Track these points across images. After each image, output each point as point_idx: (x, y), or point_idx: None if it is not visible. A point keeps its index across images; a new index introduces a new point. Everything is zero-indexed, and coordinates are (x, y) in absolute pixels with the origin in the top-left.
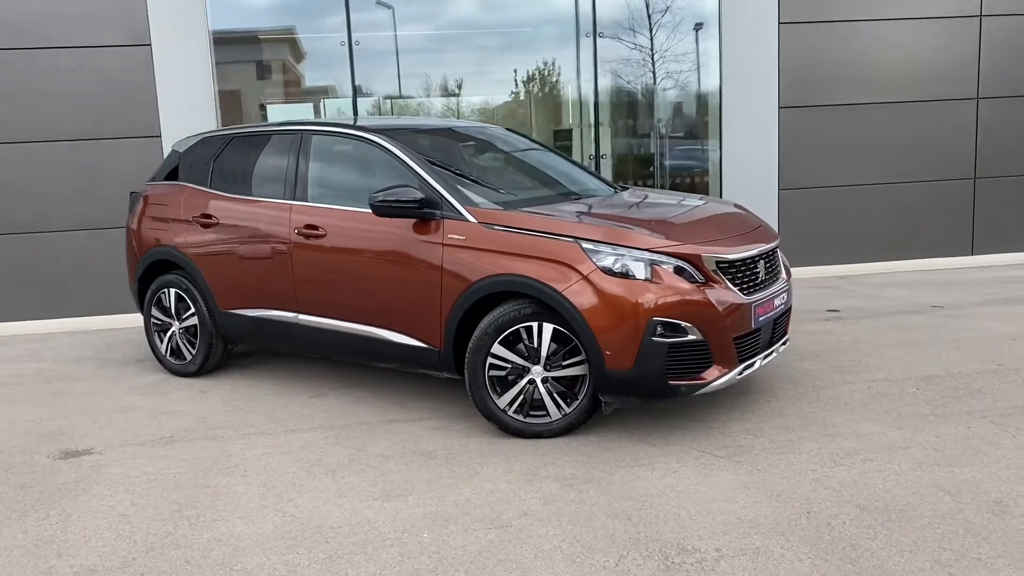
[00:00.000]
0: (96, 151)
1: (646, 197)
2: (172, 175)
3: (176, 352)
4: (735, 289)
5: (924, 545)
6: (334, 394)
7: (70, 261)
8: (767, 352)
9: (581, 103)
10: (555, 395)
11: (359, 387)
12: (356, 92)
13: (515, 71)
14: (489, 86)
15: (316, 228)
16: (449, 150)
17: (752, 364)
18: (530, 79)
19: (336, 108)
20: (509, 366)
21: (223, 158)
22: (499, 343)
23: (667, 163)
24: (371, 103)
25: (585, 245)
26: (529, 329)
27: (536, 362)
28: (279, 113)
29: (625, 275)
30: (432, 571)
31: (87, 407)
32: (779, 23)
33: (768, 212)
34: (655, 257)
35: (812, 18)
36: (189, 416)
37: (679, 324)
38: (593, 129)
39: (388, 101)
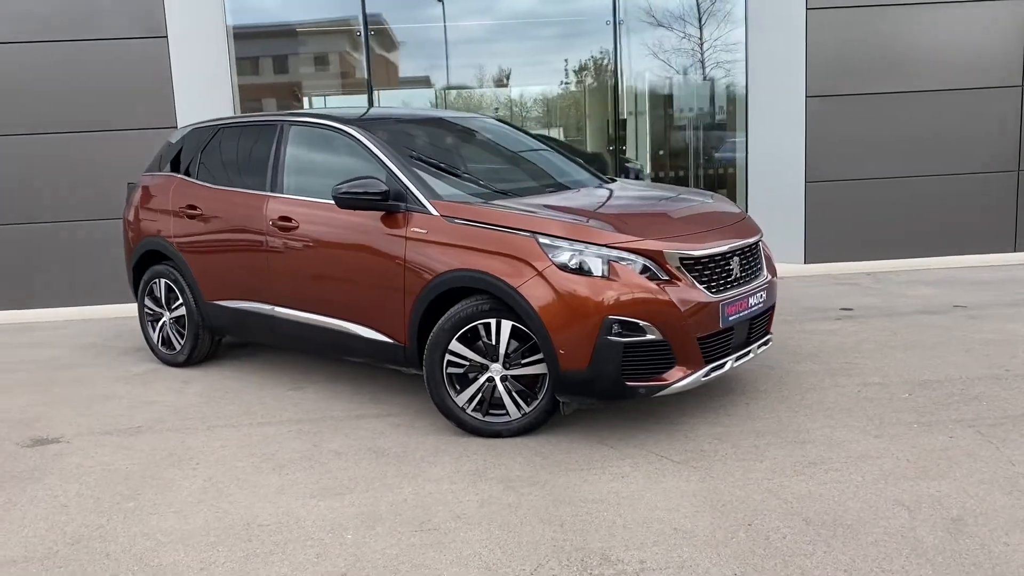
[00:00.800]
0: (115, 142)
1: (626, 190)
2: (170, 166)
3: (167, 342)
4: (700, 287)
5: (862, 564)
6: (313, 387)
7: (93, 250)
8: (742, 353)
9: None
10: (514, 394)
11: (339, 381)
12: (370, 80)
13: (566, 61)
14: (533, 76)
15: (290, 220)
16: (432, 142)
17: (722, 365)
18: (581, 68)
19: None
20: (467, 363)
21: (209, 149)
22: (457, 340)
23: (700, 154)
24: (420, 94)
25: (542, 240)
26: (488, 326)
27: (495, 360)
28: (312, 104)
29: (581, 271)
30: (351, 568)
31: (72, 395)
32: (807, 8)
33: (794, 205)
34: (612, 253)
35: (841, 3)
36: (165, 406)
37: (636, 323)
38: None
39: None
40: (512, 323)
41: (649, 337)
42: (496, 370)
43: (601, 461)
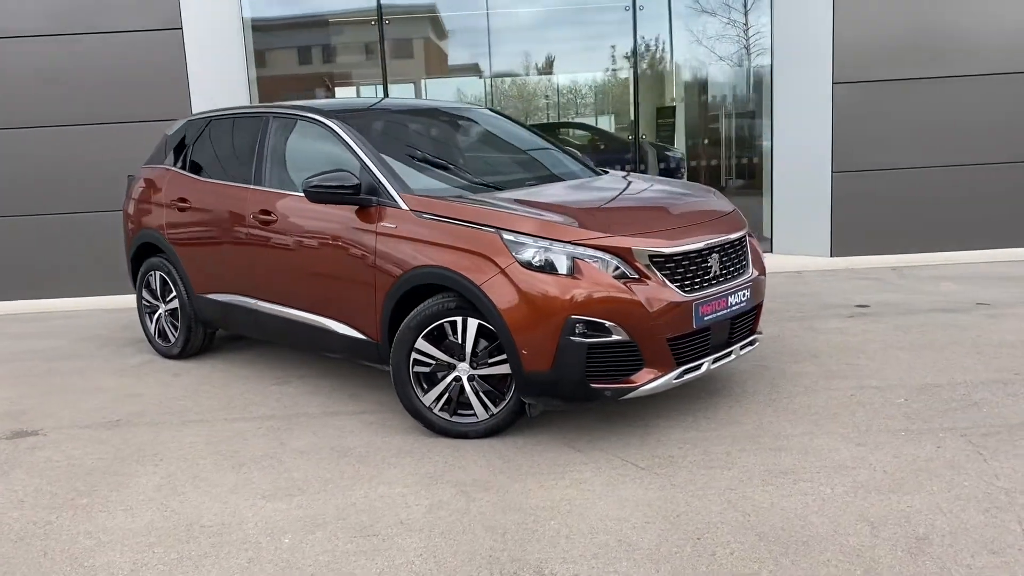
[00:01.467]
0: (132, 133)
1: (610, 184)
2: (165, 158)
3: (163, 334)
4: (671, 286)
5: None
6: (297, 382)
7: (111, 240)
8: (722, 354)
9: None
10: (481, 394)
11: (325, 376)
12: (384, 71)
13: (613, 47)
14: (580, 63)
15: (269, 213)
16: (418, 134)
17: (698, 367)
18: (626, 55)
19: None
20: (434, 362)
21: (200, 141)
22: (423, 338)
23: (732, 144)
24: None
25: (506, 237)
26: (454, 324)
27: (462, 359)
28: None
29: (546, 269)
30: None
31: (64, 386)
32: None
33: (820, 196)
34: (578, 250)
35: None
36: (150, 400)
37: (601, 323)
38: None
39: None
40: (479, 322)
41: (615, 338)
42: (463, 369)
43: (563, 465)
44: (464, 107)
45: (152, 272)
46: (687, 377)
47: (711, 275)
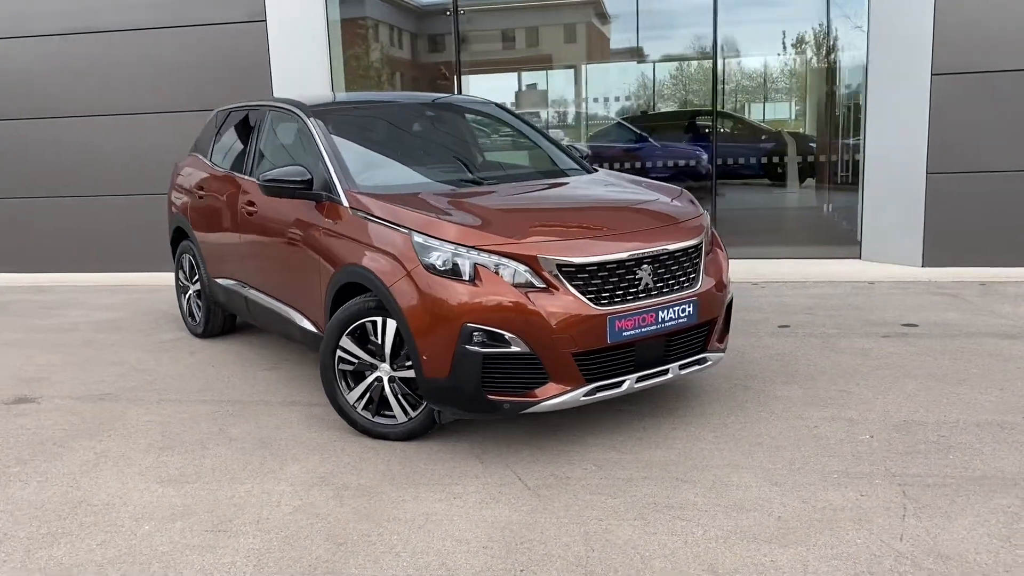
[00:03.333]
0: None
1: (569, 186)
2: (198, 147)
3: (191, 314)
4: (582, 298)
5: None
6: (287, 369)
7: None
8: (654, 371)
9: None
10: (401, 397)
11: (314, 364)
12: (458, 64)
13: (784, 32)
14: (744, 48)
15: (253, 204)
16: (399, 131)
17: (617, 384)
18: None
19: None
20: (357, 361)
21: (221, 132)
22: (347, 336)
23: (850, 139)
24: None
25: (416, 239)
26: (375, 324)
27: (383, 360)
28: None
29: (448, 274)
30: (109, 562)
31: (89, 358)
32: None
33: (912, 199)
34: (481, 256)
35: None
36: (150, 376)
37: (499, 333)
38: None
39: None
40: (397, 323)
41: (514, 349)
42: (384, 370)
43: (455, 477)
44: (471, 101)
45: (184, 255)
46: (601, 395)
47: (640, 288)
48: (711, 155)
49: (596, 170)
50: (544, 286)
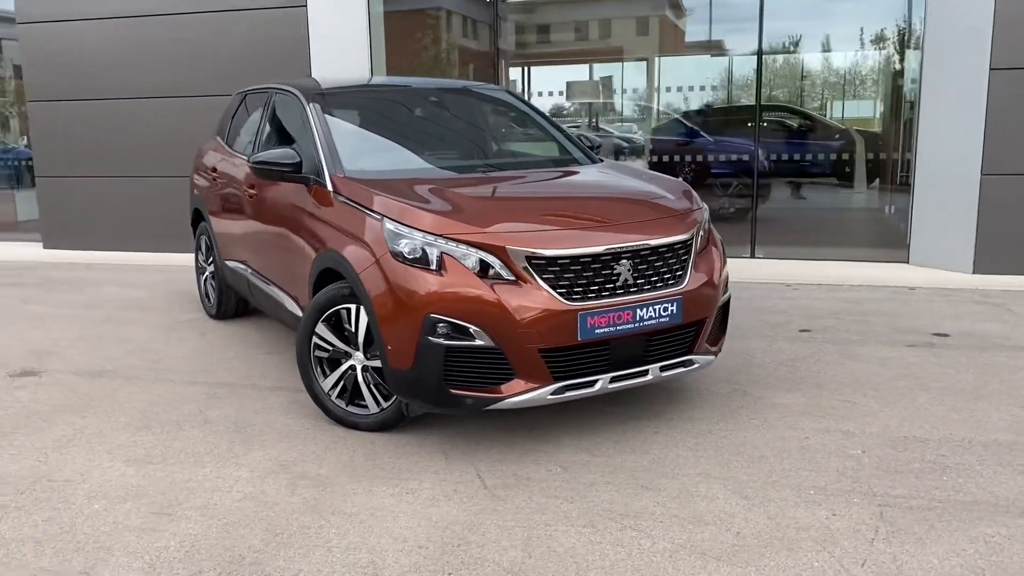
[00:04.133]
0: None
1: (562, 174)
2: (219, 130)
3: (207, 295)
4: (552, 292)
5: None
6: (289, 354)
7: None
8: (632, 372)
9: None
10: (373, 387)
11: None
12: (496, 55)
13: (862, 29)
14: (824, 43)
15: (253, 187)
16: (403, 117)
17: (589, 384)
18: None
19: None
20: (332, 349)
21: (237, 114)
22: (323, 323)
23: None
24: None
25: (388, 226)
26: (349, 311)
27: (357, 348)
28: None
29: (414, 262)
30: (48, 538)
31: (102, 334)
32: None
33: (964, 202)
34: (449, 245)
35: None
36: (154, 355)
37: (462, 326)
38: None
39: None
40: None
41: (478, 343)
42: (358, 359)
43: (414, 471)
44: (481, 89)
45: (201, 236)
46: (571, 394)
47: (619, 283)
48: (758, 151)
49: (601, 160)
50: (513, 279)
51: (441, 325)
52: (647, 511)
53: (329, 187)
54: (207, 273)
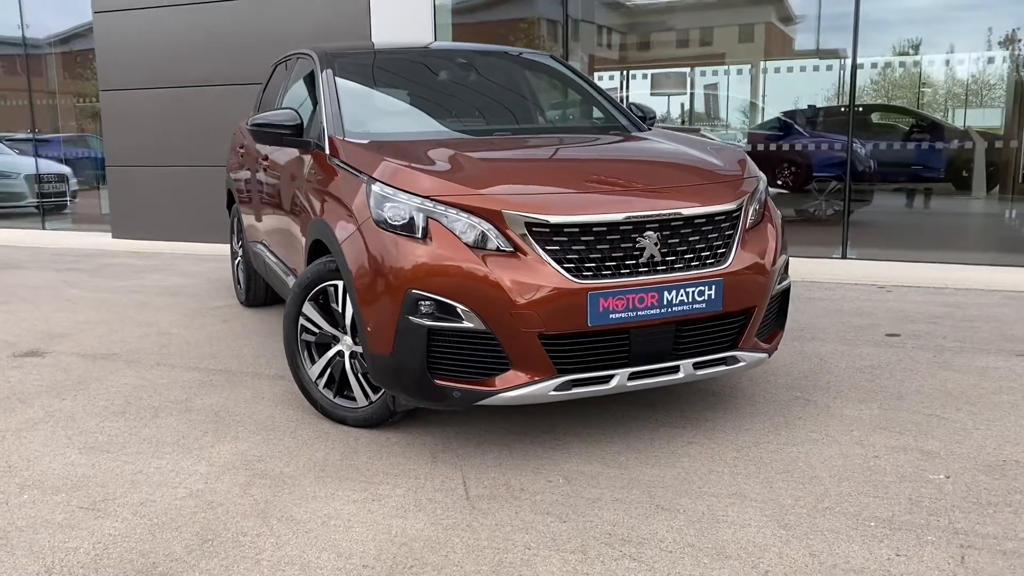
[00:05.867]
0: None
1: (597, 139)
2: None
3: (239, 281)
4: (557, 267)
5: None
6: None
7: None
8: (653, 369)
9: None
10: (362, 376)
11: None
12: (566, 51)
13: (990, 30)
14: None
15: (267, 158)
16: (434, 79)
17: (603, 380)
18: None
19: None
20: (319, 331)
21: (269, 85)
22: (310, 301)
23: None
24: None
25: (375, 188)
26: (336, 289)
27: (345, 331)
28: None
29: (398, 229)
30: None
31: (127, 318)
32: None
33: None
34: (437, 208)
35: None
36: (168, 340)
37: (449, 304)
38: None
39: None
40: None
41: (467, 325)
42: (347, 344)
43: (391, 474)
44: (522, 53)
45: (234, 219)
46: (580, 391)
47: (643, 259)
48: (852, 151)
49: (650, 128)
50: (511, 250)
51: (424, 303)
52: (655, 537)
53: (327, 150)
54: (238, 258)
